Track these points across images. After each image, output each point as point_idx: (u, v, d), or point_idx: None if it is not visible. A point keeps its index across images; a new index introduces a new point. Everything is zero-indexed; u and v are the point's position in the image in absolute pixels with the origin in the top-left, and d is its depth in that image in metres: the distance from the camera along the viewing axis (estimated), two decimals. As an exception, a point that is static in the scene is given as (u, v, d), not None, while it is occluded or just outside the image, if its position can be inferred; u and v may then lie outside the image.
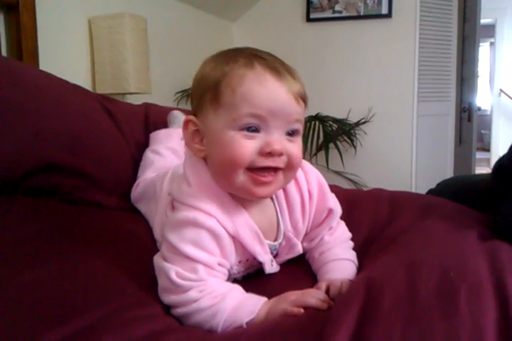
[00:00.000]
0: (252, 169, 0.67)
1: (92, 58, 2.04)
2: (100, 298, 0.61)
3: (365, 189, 1.27)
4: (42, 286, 0.62)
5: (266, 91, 0.65)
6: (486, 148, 7.37)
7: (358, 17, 3.04)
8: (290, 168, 0.70)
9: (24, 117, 0.95)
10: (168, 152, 1.14)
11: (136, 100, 1.78)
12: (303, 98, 0.70)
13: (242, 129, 0.66)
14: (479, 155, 4.89)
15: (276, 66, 0.68)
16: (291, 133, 0.69)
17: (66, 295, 0.60)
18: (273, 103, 0.66)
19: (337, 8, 3.07)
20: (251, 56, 0.69)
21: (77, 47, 2.00)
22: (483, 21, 3.94)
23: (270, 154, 0.66)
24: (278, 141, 0.67)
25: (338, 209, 0.83)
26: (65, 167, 1.00)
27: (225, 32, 3.25)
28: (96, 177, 1.05)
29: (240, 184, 0.68)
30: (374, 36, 3.04)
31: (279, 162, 0.67)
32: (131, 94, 2.06)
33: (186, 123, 0.72)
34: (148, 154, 1.16)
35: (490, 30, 6.64)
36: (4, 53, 1.65)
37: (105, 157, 1.10)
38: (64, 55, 1.92)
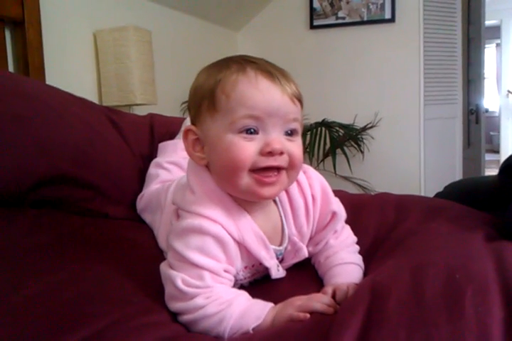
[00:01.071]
0: (255, 170, 0.67)
1: (97, 71, 2.06)
2: (107, 307, 0.61)
3: (372, 194, 1.27)
4: (48, 296, 0.62)
5: (260, 93, 0.66)
6: (496, 150, 7.31)
7: (362, 22, 3.05)
8: (292, 167, 0.70)
9: (30, 130, 0.97)
10: (172, 166, 1.14)
11: (142, 111, 1.80)
12: (298, 98, 0.70)
13: (240, 132, 0.67)
14: (488, 157, 4.86)
15: (268, 68, 0.68)
16: (290, 133, 0.70)
17: (72, 304, 0.61)
18: (268, 104, 0.66)
19: (340, 14, 3.08)
20: (242, 61, 0.69)
21: (82, 60, 2.03)
22: (488, 23, 3.93)
23: (271, 153, 0.66)
24: (277, 140, 0.67)
25: (342, 213, 0.83)
26: (71, 178, 1.01)
27: (230, 41, 3.28)
28: (102, 188, 1.06)
29: (245, 186, 0.68)
30: (378, 41, 3.04)
31: (280, 161, 0.68)
32: (137, 105, 2.08)
33: (186, 133, 0.73)
34: (153, 168, 1.16)
35: (496, 32, 6.62)
36: (11, 69, 1.68)
37: (111, 168, 1.11)
38: (70, 68, 1.95)
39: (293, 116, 0.69)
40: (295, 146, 0.70)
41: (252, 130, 0.67)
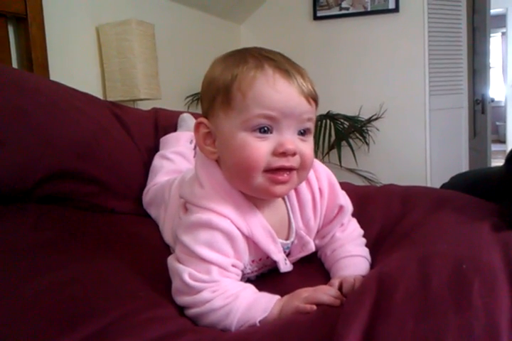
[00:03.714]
0: (268, 170, 0.67)
1: (101, 66, 2.06)
2: (113, 301, 0.61)
3: (378, 185, 1.27)
4: (55, 291, 0.62)
5: (277, 93, 0.65)
6: (502, 140, 7.27)
7: (366, 13, 3.03)
8: (303, 167, 0.70)
9: (34, 126, 0.96)
10: (176, 156, 1.15)
11: (146, 106, 1.80)
12: (314, 98, 0.70)
13: (254, 130, 0.66)
14: (495, 147, 4.83)
15: (287, 67, 0.67)
16: (303, 133, 0.69)
17: (79, 300, 0.61)
18: (284, 105, 0.66)
19: (344, 4, 3.06)
20: (260, 57, 0.68)
21: (86, 55, 2.03)
22: (493, 11, 3.90)
23: (284, 154, 0.66)
24: (291, 140, 0.67)
25: (348, 206, 0.83)
26: (76, 174, 1.01)
27: (233, 34, 3.27)
28: (108, 183, 1.06)
29: (257, 185, 0.68)
30: (382, 32, 3.02)
31: (292, 161, 0.67)
32: (141, 100, 2.08)
33: (197, 125, 0.72)
34: (157, 159, 1.17)
35: (501, 20, 6.56)
36: (14, 64, 1.68)
37: (116, 163, 1.10)
38: (73, 64, 1.95)
39: (307, 116, 0.69)
40: (307, 147, 0.70)
41: (266, 128, 0.66)
